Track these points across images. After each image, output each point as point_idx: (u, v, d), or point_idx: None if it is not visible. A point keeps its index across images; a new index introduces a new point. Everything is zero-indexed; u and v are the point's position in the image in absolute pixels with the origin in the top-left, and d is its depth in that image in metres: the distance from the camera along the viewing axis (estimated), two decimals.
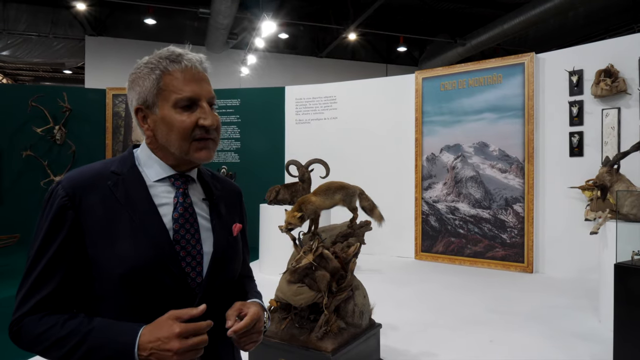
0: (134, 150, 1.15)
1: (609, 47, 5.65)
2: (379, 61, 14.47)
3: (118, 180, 1.06)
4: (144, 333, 0.94)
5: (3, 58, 12.80)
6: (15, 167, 8.19)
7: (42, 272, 0.99)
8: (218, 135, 1.12)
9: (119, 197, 1.04)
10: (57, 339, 0.95)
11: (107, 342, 0.94)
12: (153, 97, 1.08)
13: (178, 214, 1.08)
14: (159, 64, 1.08)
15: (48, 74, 17.24)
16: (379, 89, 7.50)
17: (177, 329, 0.93)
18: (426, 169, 6.95)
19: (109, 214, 1.03)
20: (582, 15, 11.01)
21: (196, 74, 1.08)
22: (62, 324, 0.96)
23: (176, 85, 1.06)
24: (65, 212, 1.01)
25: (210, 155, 1.10)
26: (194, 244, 1.09)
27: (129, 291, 1.01)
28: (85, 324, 0.97)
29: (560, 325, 3.92)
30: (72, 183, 1.03)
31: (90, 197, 1.03)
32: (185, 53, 1.11)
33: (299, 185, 5.81)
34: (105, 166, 1.09)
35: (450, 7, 12.08)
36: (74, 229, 1.01)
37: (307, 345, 2.62)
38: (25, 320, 0.98)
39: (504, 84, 6.29)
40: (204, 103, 1.08)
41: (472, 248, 6.51)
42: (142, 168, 1.11)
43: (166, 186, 1.11)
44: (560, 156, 5.89)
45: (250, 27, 11.20)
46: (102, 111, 8.57)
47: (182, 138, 1.06)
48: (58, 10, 11.80)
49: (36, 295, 0.99)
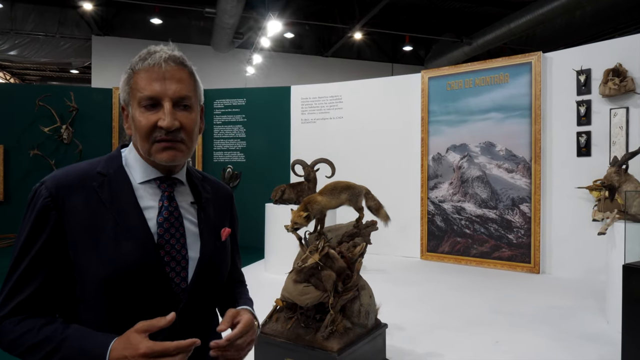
0: (122, 150, 1.13)
1: (617, 46, 5.61)
2: (384, 60, 14.44)
3: (104, 182, 1.04)
4: (114, 347, 0.90)
5: (11, 58, 12.89)
6: (23, 166, 8.25)
7: (23, 273, 0.97)
8: (188, 136, 1.05)
9: (104, 199, 1.02)
10: (31, 345, 0.93)
11: (79, 353, 0.91)
12: (126, 96, 1.07)
13: (163, 218, 1.05)
14: (132, 63, 1.07)
15: (55, 74, 17.35)
16: (385, 88, 7.49)
17: (142, 349, 0.87)
18: (432, 168, 6.92)
19: (93, 216, 1.00)
20: (589, 14, 10.93)
21: (162, 72, 1.03)
22: (38, 329, 0.94)
23: (140, 84, 1.03)
24: (48, 213, 0.99)
25: (173, 156, 1.04)
26: (179, 249, 1.05)
27: (111, 295, 0.99)
28: (60, 332, 0.94)
29: (567, 326, 3.89)
30: (56, 183, 1.01)
31: (74, 198, 1.00)
32: (156, 51, 1.06)
33: (305, 185, 5.81)
34: (92, 166, 1.07)
35: (456, 6, 12.03)
36: (56, 230, 0.98)
37: (313, 345, 2.61)
38: (4, 322, 0.96)
39: (510, 84, 6.25)
40: (167, 103, 1.02)
41: (478, 248, 6.48)
42: (128, 169, 1.08)
43: (153, 188, 1.08)
44: (567, 156, 5.85)
45: (256, 26, 11.22)
46: (109, 111, 8.60)
47: (142, 138, 1.03)
48: (65, 10, 11.87)
49: (16, 297, 0.96)
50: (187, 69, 1.07)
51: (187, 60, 1.09)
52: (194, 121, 1.07)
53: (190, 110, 1.06)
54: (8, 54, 12.42)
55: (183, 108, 1.05)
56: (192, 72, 1.09)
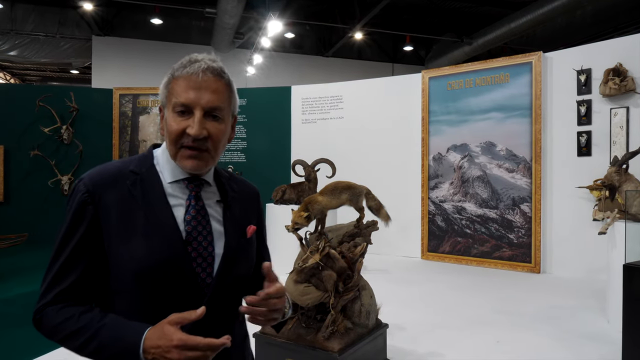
0: (153, 150, 1.18)
1: (617, 45, 5.61)
2: (385, 60, 14.44)
3: (136, 180, 1.09)
4: (148, 336, 0.95)
5: (11, 58, 12.90)
6: (23, 166, 8.26)
7: (64, 264, 1.04)
8: (214, 147, 1.10)
9: (136, 196, 1.07)
10: (71, 332, 0.99)
11: (114, 341, 0.97)
12: (164, 99, 1.13)
13: (190, 216, 1.10)
14: (174, 68, 1.12)
15: (55, 74, 17.36)
16: (385, 88, 7.49)
17: (174, 341, 0.92)
18: (433, 168, 6.92)
19: (126, 212, 1.06)
20: (590, 14, 10.92)
21: (199, 82, 1.07)
22: (77, 317, 1.00)
23: (177, 90, 1.08)
24: (85, 208, 1.05)
25: (197, 165, 1.09)
26: (205, 246, 1.10)
27: (142, 287, 1.04)
28: (97, 320, 1.00)
29: (568, 325, 3.89)
30: (93, 180, 1.07)
31: (109, 195, 1.06)
32: (197, 60, 1.10)
33: (305, 185, 5.81)
34: (125, 165, 1.12)
35: (457, 6, 12.02)
36: (92, 224, 1.05)
37: (314, 345, 2.62)
38: (47, 309, 1.02)
39: (511, 83, 6.25)
40: (198, 112, 1.07)
41: (479, 248, 6.48)
42: (159, 168, 1.14)
43: (181, 188, 1.13)
44: (568, 156, 5.85)
45: (256, 26, 11.22)
46: (109, 111, 8.61)
47: (171, 142, 1.09)
48: (65, 11, 11.87)
49: (57, 286, 1.03)
50: (224, 80, 1.11)
51: (225, 71, 1.13)
52: (222, 132, 1.11)
53: (220, 121, 1.10)
54: (8, 54, 12.43)
55: (213, 118, 1.09)
56: (229, 83, 1.14)
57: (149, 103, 8.67)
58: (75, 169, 8.32)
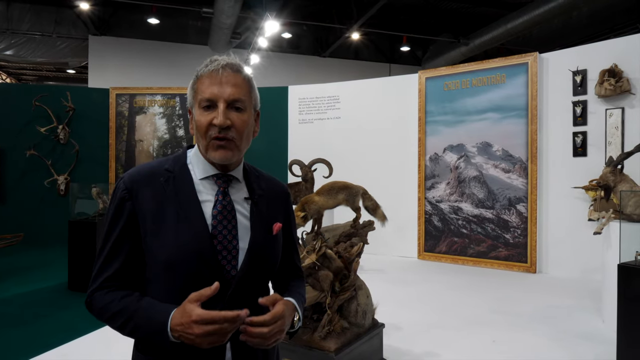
0: (187, 150, 1.27)
1: (613, 46, 5.64)
2: (382, 61, 14.45)
3: (169, 177, 1.19)
4: (174, 316, 1.06)
5: (7, 57, 12.85)
6: (19, 166, 8.23)
7: (109, 253, 1.16)
8: (239, 135, 1.18)
9: (169, 192, 1.17)
10: (113, 313, 1.11)
11: (147, 321, 1.08)
12: (191, 99, 1.22)
13: (217, 211, 1.18)
14: (198, 70, 1.21)
15: (51, 74, 17.30)
16: (382, 88, 7.50)
17: (193, 317, 1.02)
18: (429, 168, 6.94)
19: (159, 207, 1.16)
20: (586, 15, 10.97)
21: (219, 77, 1.16)
22: (119, 299, 1.12)
23: (201, 88, 1.17)
24: (124, 203, 1.16)
25: (225, 155, 1.17)
26: (230, 239, 1.18)
27: (171, 277, 1.14)
28: (134, 303, 1.12)
29: (564, 325, 3.91)
30: (131, 178, 1.18)
31: (145, 191, 1.17)
32: (217, 59, 1.20)
33: (302, 185, 5.82)
34: (161, 164, 1.23)
35: (454, 7, 12.05)
36: (131, 218, 1.16)
37: (310, 345, 2.62)
38: (95, 294, 1.15)
39: (507, 84, 6.28)
40: (221, 104, 1.15)
41: (475, 248, 6.50)
42: (191, 166, 1.23)
43: (210, 184, 1.22)
44: (563, 156, 5.88)
45: (253, 26, 11.21)
46: (106, 111, 8.59)
47: (201, 135, 1.17)
48: (62, 10, 11.83)
49: (104, 273, 1.16)
50: (242, 75, 1.21)
51: (243, 67, 1.22)
52: (246, 122, 1.20)
53: (242, 112, 1.19)
54: (4, 53, 12.37)
55: (236, 110, 1.18)
56: (248, 78, 1.23)
57: (146, 103, 8.66)
58: (72, 168, 8.29)
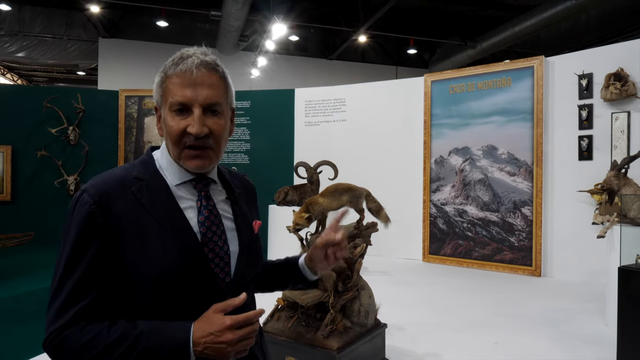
0: (152, 153, 1.15)
1: (619, 50, 5.63)
2: (389, 63, 14.48)
3: (142, 186, 1.06)
4: (196, 329, 0.96)
5: (18, 59, 13.03)
6: (30, 166, 8.35)
7: (80, 281, 0.98)
8: (217, 142, 1.08)
9: (145, 203, 1.04)
10: (105, 346, 0.94)
11: (160, 343, 0.95)
12: (159, 98, 1.09)
13: (204, 217, 1.09)
14: (165, 66, 1.08)
15: (62, 75, 17.50)
16: (388, 91, 7.53)
17: (228, 322, 0.96)
18: (434, 171, 6.96)
19: (137, 220, 1.02)
20: (594, 18, 10.94)
21: (193, 78, 1.04)
22: (107, 330, 0.96)
23: (171, 89, 1.05)
24: (95, 220, 0.99)
25: (202, 164, 1.07)
26: (221, 245, 1.09)
27: (161, 295, 1.02)
28: (132, 328, 0.97)
29: (567, 328, 3.92)
30: (98, 191, 1.02)
31: (117, 204, 1.02)
32: (188, 56, 1.07)
33: (308, 187, 5.87)
34: (127, 172, 1.08)
35: (461, 10, 12.06)
36: (105, 235, 1.00)
37: (313, 344, 2.67)
38: (67, 331, 0.96)
39: (513, 87, 6.29)
40: (197, 109, 1.04)
41: (480, 251, 6.51)
42: (163, 172, 1.10)
43: (189, 189, 1.11)
44: (569, 160, 5.88)
45: (261, 29, 11.30)
46: (115, 112, 8.70)
47: (173, 143, 1.06)
48: (72, 13, 12.00)
49: (75, 305, 0.97)
50: (218, 73, 1.08)
51: (219, 64, 1.10)
52: (223, 127, 1.09)
53: (219, 116, 1.08)
54: (16, 55, 12.56)
55: (212, 114, 1.06)
56: (224, 76, 1.11)
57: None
58: (81, 169, 8.41)
